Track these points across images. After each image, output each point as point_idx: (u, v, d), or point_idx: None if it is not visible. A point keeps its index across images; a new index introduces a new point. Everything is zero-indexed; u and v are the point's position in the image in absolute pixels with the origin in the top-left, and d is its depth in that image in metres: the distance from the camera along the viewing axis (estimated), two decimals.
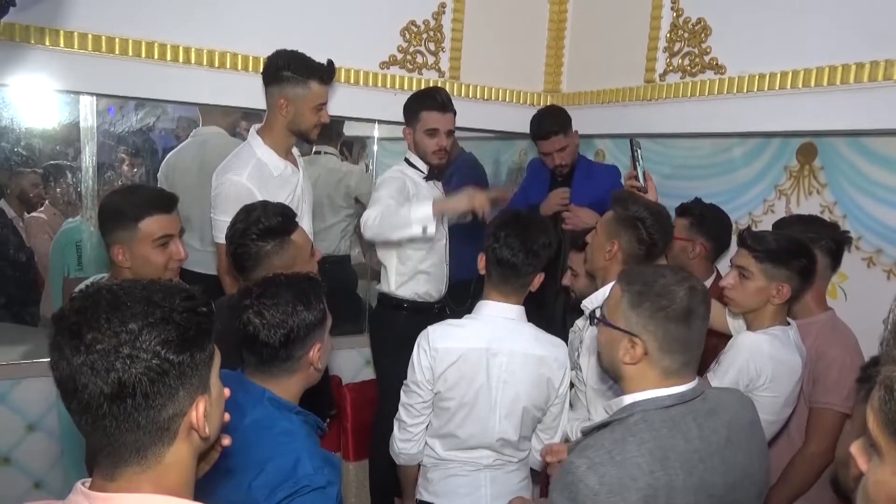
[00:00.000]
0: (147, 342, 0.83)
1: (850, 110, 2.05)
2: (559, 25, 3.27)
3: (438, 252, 2.68)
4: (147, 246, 1.74)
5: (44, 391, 2.46)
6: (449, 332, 1.87)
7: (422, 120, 2.57)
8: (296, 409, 1.42)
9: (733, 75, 2.42)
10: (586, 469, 1.19)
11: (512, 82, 3.24)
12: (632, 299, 1.33)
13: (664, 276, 1.33)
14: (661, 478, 1.20)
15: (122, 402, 0.82)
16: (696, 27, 2.58)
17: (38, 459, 2.53)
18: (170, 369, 0.84)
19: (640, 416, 1.27)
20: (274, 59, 2.29)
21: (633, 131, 2.85)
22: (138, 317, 0.83)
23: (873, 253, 2.10)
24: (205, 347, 0.91)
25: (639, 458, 1.20)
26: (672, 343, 1.29)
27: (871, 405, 0.75)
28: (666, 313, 1.28)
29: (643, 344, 1.30)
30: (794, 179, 2.34)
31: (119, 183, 3.19)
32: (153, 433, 0.86)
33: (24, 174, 3.18)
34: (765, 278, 1.77)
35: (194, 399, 0.89)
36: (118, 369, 0.81)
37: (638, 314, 1.31)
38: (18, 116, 2.80)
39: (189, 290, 0.92)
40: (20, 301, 3.14)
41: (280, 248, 1.83)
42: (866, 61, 1.98)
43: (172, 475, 0.89)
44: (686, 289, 1.30)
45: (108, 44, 2.33)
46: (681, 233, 2.37)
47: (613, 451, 1.21)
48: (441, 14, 2.98)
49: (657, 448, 1.22)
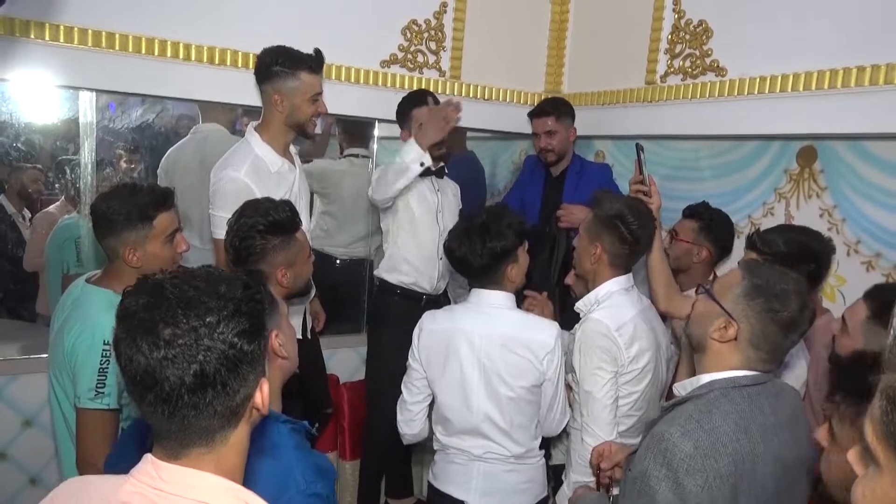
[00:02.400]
0: (225, 334, 0.88)
1: (851, 114, 2.05)
2: (560, 26, 3.27)
3: (426, 246, 2.70)
4: (159, 243, 1.77)
5: (40, 387, 2.44)
6: (439, 315, 2.01)
7: (414, 118, 2.62)
8: (282, 418, 1.37)
9: (734, 78, 2.41)
10: (680, 436, 1.27)
11: (512, 82, 3.24)
12: (748, 288, 1.38)
13: (787, 283, 1.38)
14: (745, 444, 1.29)
15: (203, 391, 0.87)
16: (698, 29, 2.57)
17: (33, 455, 2.53)
18: (243, 358, 0.90)
19: (720, 391, 1.35)
20: (262, 56, 2.30)
21: (633, 133, 2.86)
22: (214, 311, 0.88)
23: (872, 257, 2.09)
24: (266, 333, 0.98)
25: (725, 427, 1.29)
26: (764, 341, 1.36)
27: (870, 415, 0.73)
28: (773, 316, 1.35)
29: (738, 329, 1.36)
30: (793, 183, 2.33)
31: (117, 180, 3.18)
32: (226, 417, 0.91)
33: (24, 170, 3.17)
34: None
35: (259, 381, 0.95)
36: (200, 361, 0.86)
37: (747, 304, 1.36)
38: (18, 112, 2.80)
39: (243, 279, 0.97)
40: (18, 297, 3.14)
41: (286, 244, 1.84)
42: (867, 65, 1.98)
43: (232, 455, 0.94)
44: (801, 302, 1.36)
45: (109, 39, 2.33)
46: (688, 235, 2.37)
47: (702, 421, 1.29)
48: (442, 13, 2.98)
49: (740, 419, 1.31)
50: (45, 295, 3.11)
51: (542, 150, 2.93)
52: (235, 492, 0.92)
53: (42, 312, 3.13)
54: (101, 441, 1.62)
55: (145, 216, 1.74)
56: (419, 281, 2.71)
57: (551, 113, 2.88)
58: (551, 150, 2.90)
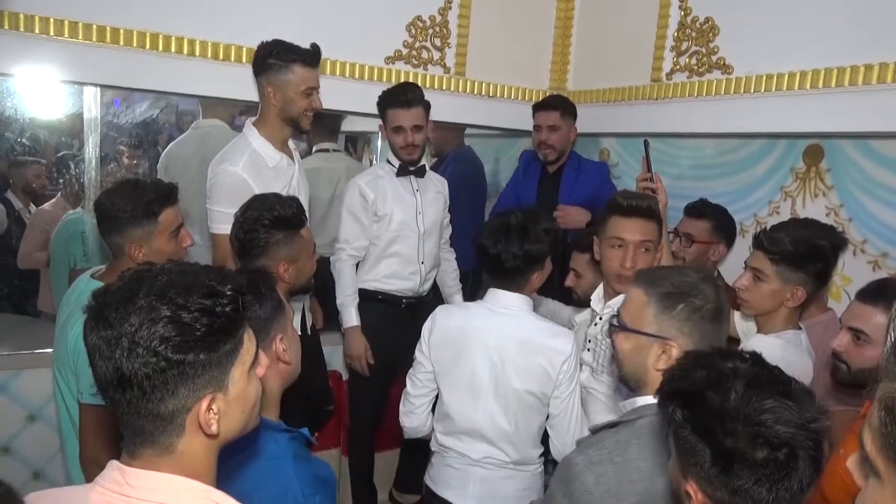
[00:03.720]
0: (145, 339, 0.83)
1: (858, 112, 2.03)
2: (566, 23, 3.26)
3: (405, 251, 2.68)
4: (164, 238, 1.77)
5: (44, 382, 2.45)
6: (453, 311, 1.99)
7: (389, 118, 2.59)
8: (280, 427, 1.33)
9: (740, 75, 2.40)
10: (584, 467, 1.19)
11: (517, 79, 3.23)
12: (661, 302, 1.27)
13: (688, 276, 1.29)
14: (659, 483, 1.18)
15: (123, 390, 0.85)
16: (704, 26, 2.56)
17: (37, 450, 2.53)
18: (167, 368, 0.84)
19: (650, 419, 1.23)
20: (259, 49, 2.29)
21: (638, 130, 2.85)
22: (142, 311, 0.84)
23: (879, 256, 2.08)
24: (217, 347, 0.88)
25: (640, 462, 1.19)
26: (707, 344, 1.24)
27: (868, 424, 0.72)
28: (702, 313, 1.25)
29: (679, 347, 1.25)
30: (800, 181, 2.32)
31: (121, 175, 3.19)
32: (156, 423, 0.87)
33: (28, 164, 3.18)
34: (780, 281, 1.73)
35: (200, 396, 0.88)
36: (116, 359, 0.84)
37: (672, 317, 1.26)
38: (23, 107, 2.80)
39: (215, 288, 0.89)
40: (22, 292, 3.15)
41: (289, 239, 1.85)
42: (875, 63, 1.96)
43: (189, 463, 0.90)
44: (713, 287, 1.27)
45: (113, 35, 2.33)
46: (703, 236, 2.33)
47: (614, 452, 1.20)
48: (447, 10, 2.97)
49: (663, 454, 1.18)
50: (46, 292, 3.11)
51: (542, 143, 2.88)
52: (205, 493, 0.90)
53: (43, 309, 3.14)
54: (104, 436, 1.62)
55: (150, 212, 1.74)
56: (398, 286, 2.70)
57: (557, 108, 2.85)
58: (551, 147, 2.86)
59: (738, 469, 0.89)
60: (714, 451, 0.90)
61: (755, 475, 0.88)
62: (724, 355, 1.01)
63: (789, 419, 0.88)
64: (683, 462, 0.96)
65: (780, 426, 0.88)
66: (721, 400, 0.91)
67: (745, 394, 0.91)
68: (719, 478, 0.90)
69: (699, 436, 0.92)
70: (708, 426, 0.91)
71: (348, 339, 2.64)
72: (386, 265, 2.67)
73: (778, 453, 0.87)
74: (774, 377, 0.95)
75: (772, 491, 0.88)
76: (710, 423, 0.91)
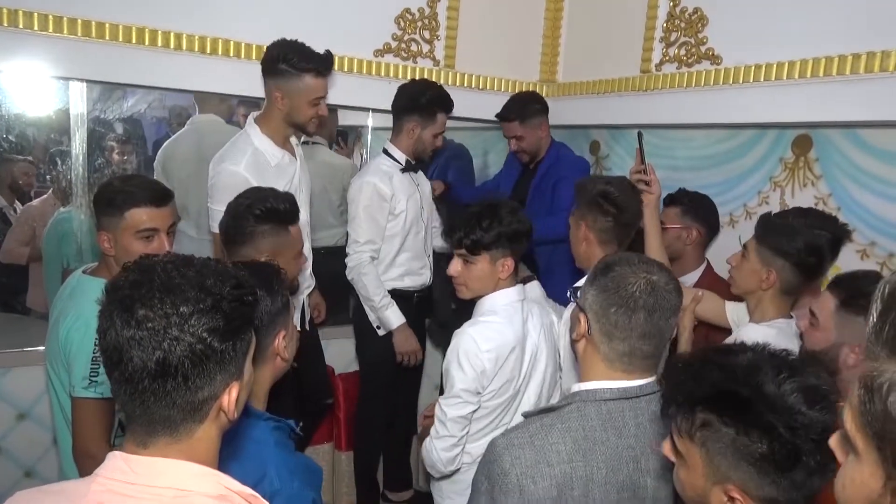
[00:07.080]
0: (195, 327, 0.86)
1: (846, 102, 2.04)
2: (555, 14, 3.25)
3: (416, 245, 2.71)
4: (130, 236, 1.70)
5: (34, 380, 2.45)
6: (484, 333, 1.80)
7: (437, 122, 2.61)
8: (265, 416, 1.34)
9: (729, 66, 2.40)
10: (503, 448, 1.22)
11: (507, 72, 3.22)
12: (591, 277, 1.33)
13: (628, 265, 1.29)
14: (579, 468, 1.20)
15: (163, 380, 0.86)
16: (693, 17, 2.56)
17: (28, 448, 2.52)
18: (212, 355, 0.88)
19: (577, 406, 1.26)
20: (271, 49, 2.27)
21: (628, 122, 2.85)
22: (190, 301, 0.86)
23: (867, 245, 2.10)
24: (245, 336, 0.95)
25: (560, 446, 1.21)
26: (612, 329, 1.25)
27: (849, 403, 0.73)
28: (608, 296, 1.26)
29: (586, 322, 1.29)
30: (789, 171, 2.33)
31: (110, 171, 3.16)
32: (187, 412, 0.89)
33: (15, 162, 3.14)
34: (759, 261, 1.76)
35: (228, 384, 0.93)
36: (164, 349, 0.85)
37: (591, 293, 1.30)
38: (9, 103, 2.77)
39: (239, 277, 0.94)
40: (11, 290, 3.12)
41: (275, 233, 1.84)
42: (863, 52, 1.97)
43: (201, 450, 0.93)
44: (642, 279, 1.25)
45: (99, 29, 2.30)
46: (673, 221, 2.38)
47: (535, 436, 1.23)
48: (436, 2, 2.95)
49: (584, 439, 1.22)
50: (36, 289, 3.09)
51: (515, 152, 2.98)
52: (212, 476, 0.91)
53: (33, 307, 3.12)
54: (96, 430, 1.62)
55: (118, 204, 1.69)
56: (412, 282, 2.72)
57: (514, 119, 2.87)
58: (523, 151, 2.94)
59: (806, 461, 0.89)
60: (775, 449, 0.90)
61: (815, 464, 0.89)
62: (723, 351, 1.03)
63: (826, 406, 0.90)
64: (723, 467, 0.95)
65: (826, 413, 0.89)
66: (773, 394, 0.91)
67: (785, 384, 0.92)
68: (774, 475, 0.90)
69: (758, 435, 0.91)
70: (767, 424, 0.90)
71: (400, 338, 2.66)
72: (400, 264, 2.70)
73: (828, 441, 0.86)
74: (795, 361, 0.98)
75: (823, 479, 0.89)
76: (767, 420, 0.90)
